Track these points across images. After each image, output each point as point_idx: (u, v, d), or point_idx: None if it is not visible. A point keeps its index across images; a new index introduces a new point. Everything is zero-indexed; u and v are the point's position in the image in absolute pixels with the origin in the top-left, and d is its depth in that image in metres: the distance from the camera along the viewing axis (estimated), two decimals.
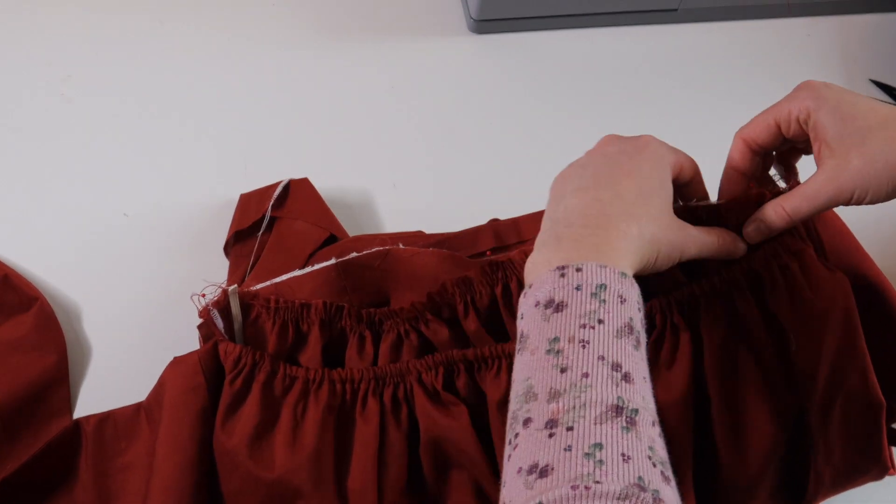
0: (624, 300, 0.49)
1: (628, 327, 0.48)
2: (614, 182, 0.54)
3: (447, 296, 0.63)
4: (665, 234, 0.54)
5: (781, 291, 0.61)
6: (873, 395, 0.61)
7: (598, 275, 0.49)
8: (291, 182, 0.78)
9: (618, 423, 0.44)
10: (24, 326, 0.70)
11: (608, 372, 0.46)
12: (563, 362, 0.47)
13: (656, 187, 0.55)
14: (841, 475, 0.64)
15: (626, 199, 0.53)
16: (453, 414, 0.61)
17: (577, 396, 0.45)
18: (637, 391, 0.46)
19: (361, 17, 0.94)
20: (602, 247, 0.51)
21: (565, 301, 0.49)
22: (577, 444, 0.43)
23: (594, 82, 0.93)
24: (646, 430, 0.45)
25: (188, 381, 0.62)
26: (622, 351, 0.47)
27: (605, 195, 0.54)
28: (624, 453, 0.43)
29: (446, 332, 0.63)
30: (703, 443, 0.63)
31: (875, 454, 0.64)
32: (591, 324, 0.48)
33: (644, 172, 0.55)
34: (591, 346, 0.47)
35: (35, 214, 0.78)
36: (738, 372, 0.61)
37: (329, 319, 0.63)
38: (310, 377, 0.62)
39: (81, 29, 0.89)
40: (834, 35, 0.99)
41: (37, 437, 0.66)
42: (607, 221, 0.52)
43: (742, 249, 0.61)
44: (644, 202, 0.54)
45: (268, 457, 0.60)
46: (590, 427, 0.44)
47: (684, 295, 0.61)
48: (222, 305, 0.62)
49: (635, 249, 0.52)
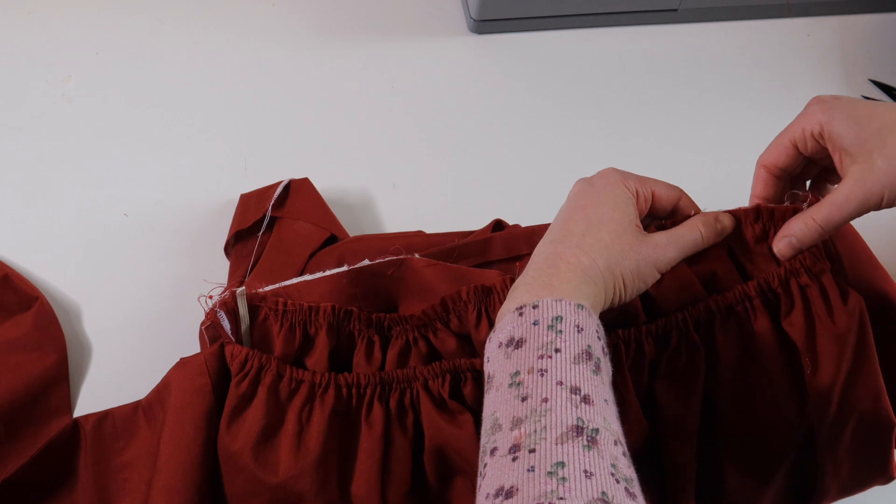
0: (581, 329, 0.50)
1: (586, 354, 0.49)
2: (567, 220, 0.56)
3: (461, 303, 0.62)
4: (623, 257, 0.55)
5: (798, 313, 0.60)
6: (885, 416, 0.61)
7: (554, 308, 0.51)
8: (292, 182, 0.78)
9: (579, 442, 0.44)
10: (25, 326, 0.70)
11: (567, 395, 0.47)
12: (523, 392, 0.48)
13: (608, 213, 0.56)
14: (846, 488, 0.65)
15: (575, 234, 0.55)
16: (459, 422, 0.61)
17: (537, 420, 0.46)
18: (597, 412, 0.47)
19: (361, 17, 0.94)
20: (553, 282, 0.53)
21: (524, 337, 0.50)
22: (540, 464, 0.44)
23: (594, 82, 0.93)
24: (608, 449, 0.45)
25: (194, 382, 0.61)
26: (581, 375, 0.48)
27: (558, 236, 0.56)
28: (586, 470, 0.43)
29: (454, 343, 0.63)
30: (710, 457, 0.63)
31: (882, 469, 0.64)
32: (549, 353, 0.49)
33: (595, 204, 0.57)
34: (550, 373, 0.48)
35: (35, 214, 0.78)
36: (748, 389, 0.61)
37: (337, 323, 0.63)
38: (316, 381, 0.61)
39: (81, 29, 0.89)
40: (834, 35, 0.99)
41: (37, 437, 0.66)
42: (558, 259, 0.54)
43: (727, 227, 0.61)
44: (593, 232, 0.55)
45: (272, 460, 0.60)
46: (551, 447, 0.44)
47: (700, 311, 0.61)
48: (230, 307, 0.62)
49: (591, 279, 0.54)
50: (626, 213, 0.57)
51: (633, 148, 0.89)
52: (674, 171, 0.87)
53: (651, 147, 0.89)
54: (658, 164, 0.87)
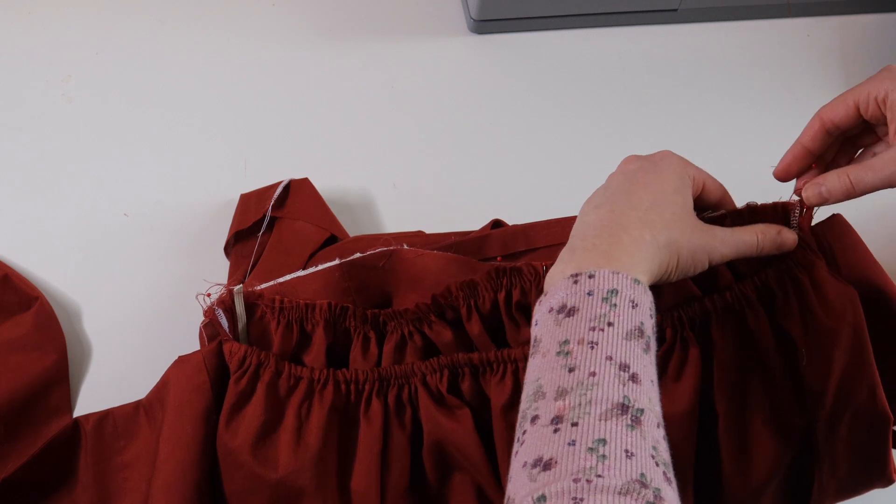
0: (636, 305, 0.50)
1: (638, 331, 0.49)
2: (629, 194, 0.56)
3: (451, 298, 0.63)
4: (683, 238, 0.55)
5: (792, 306, 0.61)
6: (881, 409, 0.61)
7: (610, 280, 0.50)
8: (292, 182, 0.78)
9: (623, 421, 0.44)
10: (25, 326, 0.70)
11: (615, 371, 0.46)
12: (571, 362, 0.47)
13: (670, 195, 0.56)
14: (845, 487, 0.64)
15: (639, 208, 0.55)
16: (457, 417, 0.61)
17: (583, 394, 0.45)
18: (644, 392, 0.46)
19: (361, 17, 0.94)
20: (613, 253, 0.52)
21: (577, 306, 0.50)
22: (581, 438, 0.43)
23: (594, 82, 0.93)
24: (650, 431, 0.45)
25: (192, 380, 0.62)
26: (631, 352, 0.48)
27: (620, 206, 0.55)
28: (627, 450, 0.43)
29: (450, 334, 0.63)
30: (708, 456, 0.63)
31: (881, 468, 0.64)
32: (601, 326, 0.48)
33: (659, 182, 0.56)
34: (600, 346, 0.48)
35: (35, 214, 0.78)
36: (746, 388, 0.61)
37: (333, 320, 0.63)
38: (314, 377, 0.62)
39: (81, 29, 0.89)
40: (834, 35, 0.99)
41: (37, 437, 0.66)
42: (620, 229, 0.53)
43: (792, 239, 0.61)
44: (658, 209, 0.55)
45: (271, 457, 0.60)
46: (594, 423, 0.44)
47: (696, 310, 0.61)
48: (227, 305, 0.62)
49: (650, 255, 0.53)
50: (686, 197, 0.57)
51: (633, 148, 0.88)
52: None
53: (651, 147, 0.88)
54: None
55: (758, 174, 0.66)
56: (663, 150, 0.60)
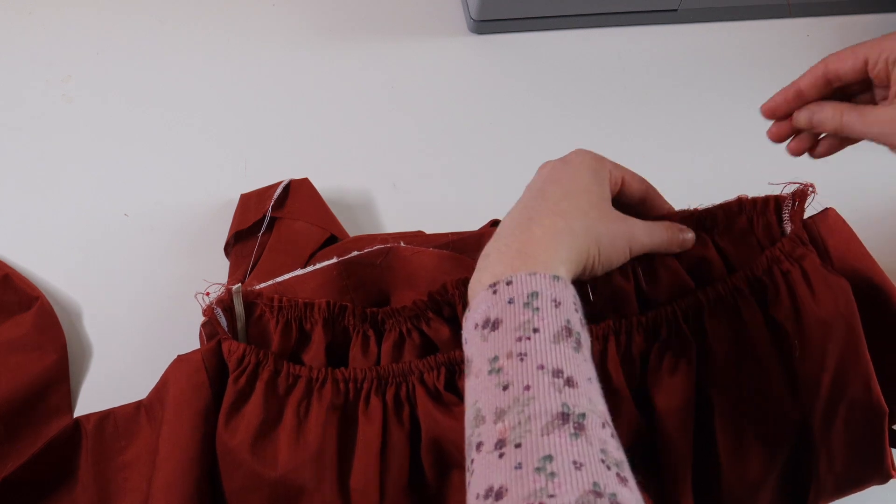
0: (558, 304, 0.49)
1: (566, 330, 0.48)
2: (541, 190, 0.55)
3: (447, 296, 0.63)
4: (601, 225, 0.54)
5: (784, 299, 0.61)
6: (876, 402, 0.61)
7: (528, 283, 0.49)
8: (292, 182, 0.78)
9: (565, 431, 0.43)
10: (25, 326, 0.70)
11: (549, 380, 0.45)
12: (504, 379, 0.46)
13: (585, 185, 0.55)
14: (843, 482, 0.64)
15: (550, 200, 0.54)
16: (455, 414, 0.61)
17: (520, 411, 0.44)
18: (582, 394, 0.45)
19: (361, 17, 0.94)
20: (527, 249, 0.51)
21: (500, 317, 0.49)
22: (527, 459, 0.42)
23: (594, 82, 0.93)
24: (596, 434, 0.44)
25: (191, 379, 0.62)
26: (562, 355, 0.46)
27: (531, 203, 0.54)
28: (575, 461, 0.42)
29: (448, 331, 0.63)
30: (705, 449, 0.63)
31: (877, 463, 0.64)
32: (527, 335, 0.47)
33: (572, 176, 0.56)
34: (529, 357, 0.46)
35: (35, 214, 0.78)
36: (741, 380, 0.61)
37: (332, 318, 0.63)
38: (313, 376, 0.62)
39: (81, 29, 0.89)
40: (834, 35, 0.99)
41: (37, 437, 0.66)
42: (531, 223, 0.52)
43: (689, 241, 0.61)
44: (571, 199, 0.54)
45: (271, 455, 0.60)
46: (537, 440, 0.43)
47: (689, 303, 0.61)
48: (226, 304, 0.62)
49: (567, 243, 0.52)
50: (603, 188, 0.56)
51: (633, 148, 0.89)
52: (674, 170, 0.87)
53: (651, 147, 0.89)
54: (658, 164, 0.87)
55: (758, 174, 0.66)
56: (577, 149, 0.59)
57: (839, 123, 0.58)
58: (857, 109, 0.57)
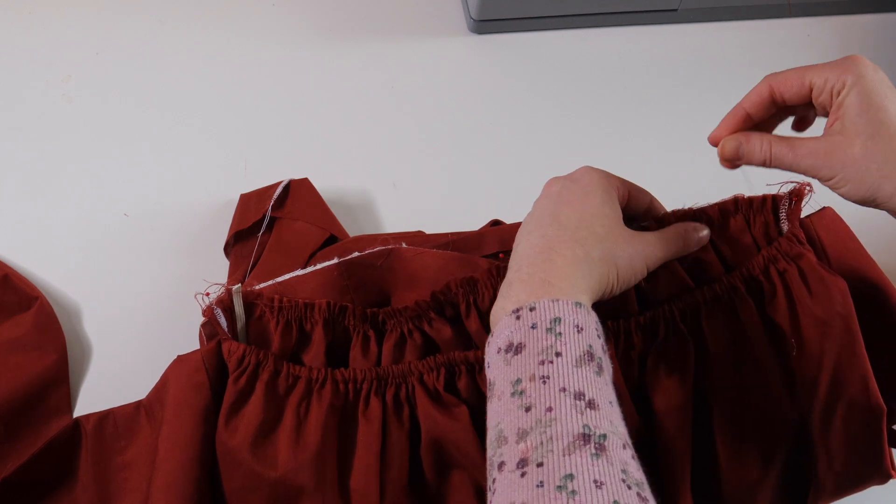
0: (580, 329, 0.50)
1: (588, 355, 0.49)
2: (556, 215, 0.56)
3: (451, 295, 0.63)
4: (618, 248, 0.55)
5: (781, 297, 0.61)
6: (874, 401, 0.61)
7: (552, 309, 0.50)
8: (292, 182, 0.78)
9: (587, 451, 0.44)
10: (25, 326, 0.70)
11: (571, 402, 0.46)
12: (526, 402, 0.47)
13: (598, 209, 0.56)
14: (842, 482, 0.64)
15: (568, 227, 0.55)
16: (454, 415, 0.61)
17: (542, 432, 0.45)
18: (603, 416, 0.46)
19: (361, 17, 0.94)
20: (550, 279, 0.52)
21: (523, 342, 0.50)
22: (549, 478, 0.43)
23: (594, 82, 0.93)
24: (617, 454, 0.45)
25: (191, 379, 0.62)
26: (583, 379, 0.48)
27: (549, 230, 0.55)
28: (596, 480, 0.43)
29: (449, 331, 0.63)
30: (704, 450, 0.63)
31: (876, 462, 0.64)
32: (550, 358, 0.48)
33: (584, 199, 0.56)
34: (552, 380, 0.47)
35: (35, 214, 0.78)
36: (739, 379, 0.61)
37: (333, 319, 0.63)
38: (313, 376, 0.62)
39: (81, 29, 0.89)
40: (834, 35, 0.99)
41: (37, 437, 0.66)
42: (553, 253, 0.53)
43: (705, 237, 0.61)
44: (587, 225, 0.55)
45: (270, 455, 0.60)
46: (559, 460, 0.44)
47: (687, 303, 0.61)
48: (226, 304, 0.62)
49: (586, 272, 0.53)
50: (614, 208, 0.57)
51: (633, 148, 0.89)
52: (674, 170, 0.87)
53: (651, 147, 0.89)
54: (658, 164, 0.87)
55: (757, 173, 0.66)
56: (583, 166, 0.59)
57: (767, 156, 0.57)
58: (787, 141, 0.56)
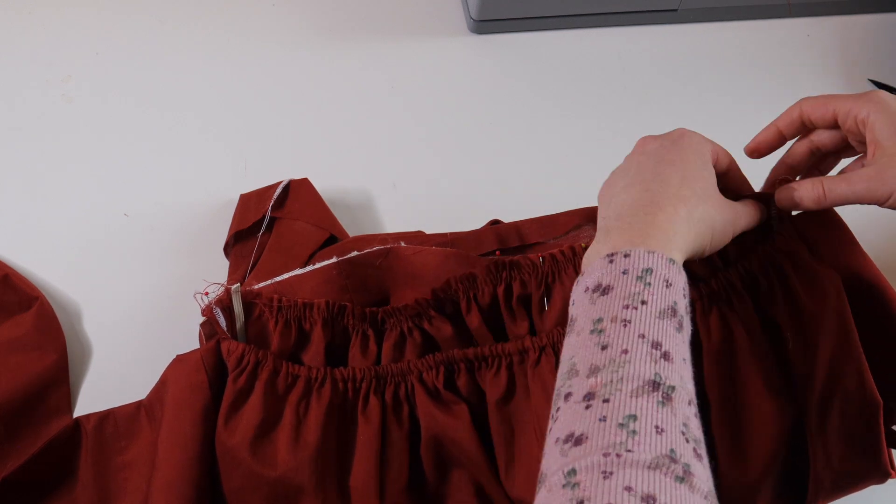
0: (669, 284, 0.50)
1: (671, 310, 0.50)
2: (658, 172, 0.56)
3: (451, 292, 0.63)
4: (715, 211, 0.56)
5: (776, 293, 0.61)
6: (870, 395, 0.61)
7: (645, 259, 0.51)
8: (291, 182, 0.78)
9: (654, 398, 0.45)
10: (25, 326, 0.70)
11: (647, 349, 0.47)
12: (604, 340, 0.48)
13: (699, 171, 0.57)
14: (841, 479, 0.64)
15: (671, 185, 0.55)
16: (454, 413, 0.61)
17: (615, 371, 0.46)
18: (675, 370, 0.47)
19: (361, 17, 0.94)
20: (650, 231, 0.53)
21: (611, 284, 0.51)
22: (612, 414, 0.44)
23: (594, 82, 0.93)
24: (681, 408, 0.45)
25: (191, 378, 0.62)
26: (663, 331, 0.48)
27: (652, 185, 0.56)
28: (658, 426, 0.44)
29: (450, 329, 0.63)
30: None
31: (874, 456, 0.64)
32: (635, 304, 0.49)
33: (685, 159, 0.57)
34: (633, 324, 0.48)
35: (35, 214, 0.78)
36: (736, 376, 0.61)
37: (332, 318, 0.63)
38: (312, 376, 0.62)
39: (81, 29, 0.89)
40: (834, 35, 0.99)
41: (37, 437, 0.66)
42: (655, 207, 0.54)
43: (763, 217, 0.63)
44: (689, 185, 0.56)
45: (270, 455, 0.60)
46: (625, 399, 0.45)
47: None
48: (225, 304, 0.62)
49: (686, 231, 0.54)
50: (711, 171, 0.58)
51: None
52: None
53: None
54: None
55: (757, 173, 0.66)
56: (679, 128, 0.60)
57: (821, 193, 0.59)
58: (838, 176, 0.59)
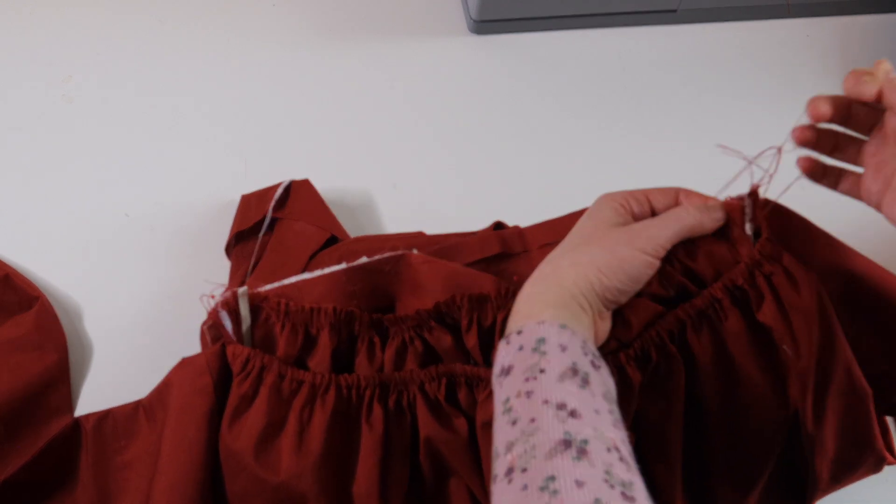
0: (565, 348, 0.52)
1: (572, 370, 0.51)
2: (550, 258, 0.60)
3: (454, 308, 0.62)
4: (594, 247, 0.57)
5: (769, 301, 0.61)
6: (859, 386, 0.62)
7: (536, 331, 0.53)
8: (292, 183, 0.78)
9: (568, 455, 0.46)
10: (25, 326, 0.70)
11: (553, 412, 0.48)
12: (513, 416, 0.50)
13: (576, 228, 0.60)
14: (838, 469, 0.64)
15: (556, 255, 0.59)
16: (453, 426, 0.61)
17: (526, 441, 0.47)
18: (586, 423, 0.48)
19: (361, 17, 0.94)
20: (537, 302, 0.56)
21: (512, 364, 0.53)
22: (532, 481, 0.45)
23: (594, 83, 0.93)
24: (600, 457, 0.46)
25: (195, 382, 0.62)
26: (566, 392, 0.49)
27: (544, 268, 0.59)
28: (578, 480, 0.44)
29: (450, 340, 0.63)
30: (698, 466, 0.63)
31: (868, 442, 0.64)
32: (534, 375, 0.51)
33: (578, 228, 0.60)
34: (536, 393, 0.50)
35: (36, 214, 0.78)
36: (729, 390, 0.62)
37: (339, 324, 0.63)
38: (317, 382, 0.61)
39: (82, 29, 0.89)
40: (834, 35, 0.99)
41: (37, 437, 0.66)
42: (542, 280, 0.57)
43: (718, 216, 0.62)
44: (561, 246, 0.59)
45: (274, 460, 0.60)
46: (541, 464, 0.46)
47: (671, 322, 0.61)
48: (231, 307, 0.62)
49: (543, 288, 0.57)
50: (600, 219, 0.60)
51: (634, 148, 0.89)
52: (674, 170, 0.87)
53: (651, 147, 0.89)
54: (658, 165, 0.87)
55: (757, 172, 0.66)
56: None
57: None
58: None
